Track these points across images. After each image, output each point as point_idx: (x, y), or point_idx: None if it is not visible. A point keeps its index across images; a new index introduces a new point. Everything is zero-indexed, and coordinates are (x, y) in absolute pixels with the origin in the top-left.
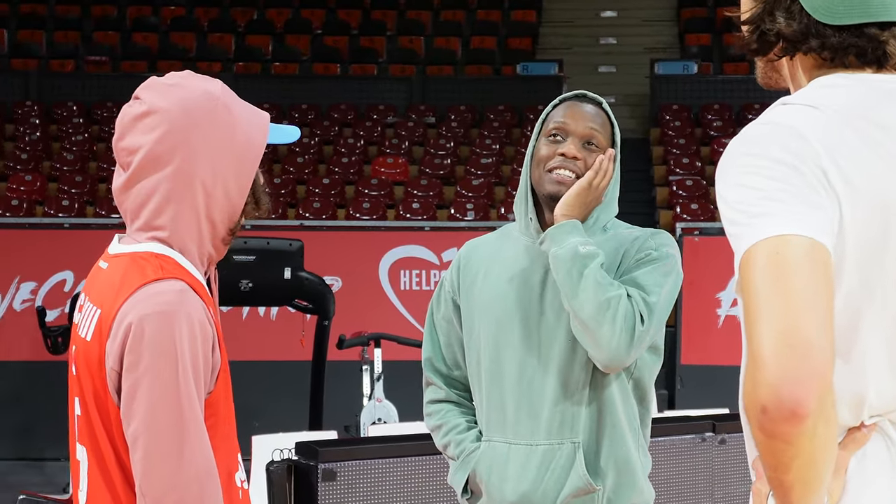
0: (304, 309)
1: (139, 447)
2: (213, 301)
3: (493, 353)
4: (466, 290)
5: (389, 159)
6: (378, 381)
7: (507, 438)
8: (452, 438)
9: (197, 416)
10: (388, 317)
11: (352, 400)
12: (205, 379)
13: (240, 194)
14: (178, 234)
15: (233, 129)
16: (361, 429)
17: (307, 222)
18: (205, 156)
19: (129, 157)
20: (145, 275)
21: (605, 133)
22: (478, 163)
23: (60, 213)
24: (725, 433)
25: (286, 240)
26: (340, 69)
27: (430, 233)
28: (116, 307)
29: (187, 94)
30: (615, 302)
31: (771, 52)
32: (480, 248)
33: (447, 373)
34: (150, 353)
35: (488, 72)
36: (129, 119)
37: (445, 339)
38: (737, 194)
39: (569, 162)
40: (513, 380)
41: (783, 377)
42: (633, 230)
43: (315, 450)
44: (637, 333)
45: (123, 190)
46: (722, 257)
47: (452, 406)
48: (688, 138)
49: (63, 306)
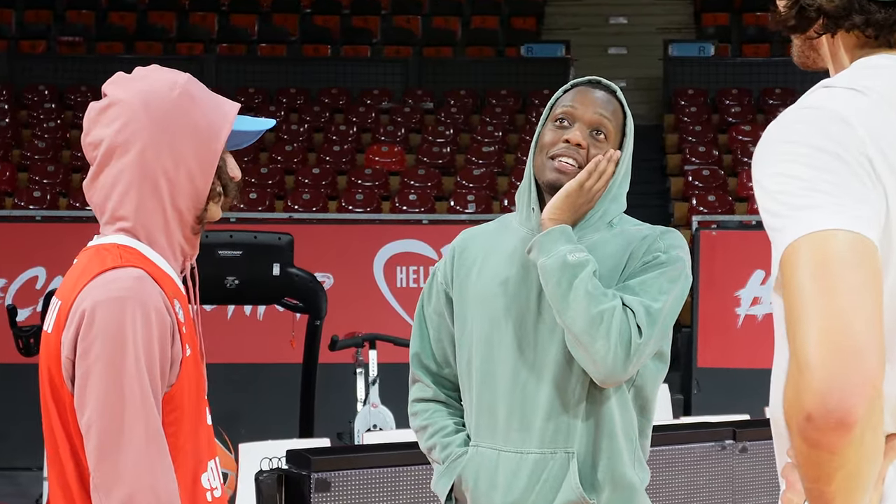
0: (293, 308)
1: (91, 437)
2: (183, 296)
3: (486, 352)
4: (460, 284)
5: (384, 147)
6: (373, 385)
7: (497, 445)
8: (438, 441)
9: (148, 406)
10: (384, 316)
11: (345, 405)
12: (162, 369)
13: (204, 179)
14: (143, 223)
15: (194, 115)
16: (355, 436)
17: (296, 215)
18: (165, 142)
19: (94, 151)
20: (104, 263)
21: (615, 122)
22: (479, 151)
23: (31, 206)
24: (747, 440)
25: (275, 233)
26: (331, 50)
27: (428, 226)
28: (74, 296)
29: (148, 84)
30: (608, 314)
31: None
32: (477, 238)
33: (436, 370)
34: (102, 339)
35: (490, 53)
36: (94, 114)
37: (435, 334)
38: (777, 184)
39: (572, 149)
40: (505, 383)
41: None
42: (641, 227)
43: (307, 458)
44: (633, 347)
45: (90, 184)
46: (741, 253)
47: (440, 406)
48: (704, 125)
49: (35, 305)
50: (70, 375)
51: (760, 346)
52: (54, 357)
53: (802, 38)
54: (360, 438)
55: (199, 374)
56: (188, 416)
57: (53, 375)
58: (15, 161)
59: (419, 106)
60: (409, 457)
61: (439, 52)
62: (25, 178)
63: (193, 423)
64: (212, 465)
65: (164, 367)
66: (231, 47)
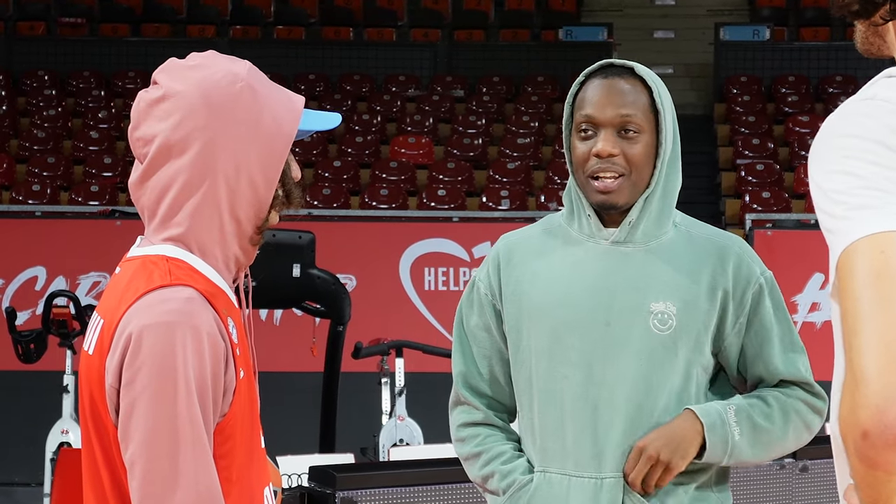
0: (314, 312)
1: (136, 474)
2: (238, 312)
3: (548, 368)
4: (511, 295)
5: (411, 139)
6: (400, 397)
7: (567, 470)
8: (497, 469)
9: (200, 441)
10: (411, 321)
11: (369, 418)
12: (214, 400)
13: (267, 187)
14: (197, 232)
15: (258, 114)
16: (380, 451)
17: (316, 212)
18: (226, 144)
19: (145, 147)
20: (151, 281)
21: (641, 108)
22: (514, 143)
23: (31, 200)
24: (808, 459)
25: (295, 232)
26: (354, 33)
27: (459, 224)
28: (118, 317)
29: (207, 75)
30: (795, 424)
31: (875, 14)
32: (523, 244)
33: (486, 391)
34: (149, 368)
35: (526, 37)
36: (145, 105)
37: (481, 351)
38: (833, 182)
39: (606, 163)
40: (573, 402)
41: (889, 397)
42: (707, 233)
43: (332, 475)
44: (822, 411)
45: (139, 185)
46: (799, 254)
47: (493, 430)
48: (758, 115)
49: (35, 308)
50: (115, 405)
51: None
52: (97, 383)
53: (867, 23)
54: (385, 454)
55: (253, 397)
56: (242, 444)
57: (97, 402)
58: (13, 152)
59: (449, 94)
60: (439, 474)
61: (471, 36)
62: (24, 171)
63: (248, 452)
64: (267, 492)
65: (217, 396)
66: (245, 30)
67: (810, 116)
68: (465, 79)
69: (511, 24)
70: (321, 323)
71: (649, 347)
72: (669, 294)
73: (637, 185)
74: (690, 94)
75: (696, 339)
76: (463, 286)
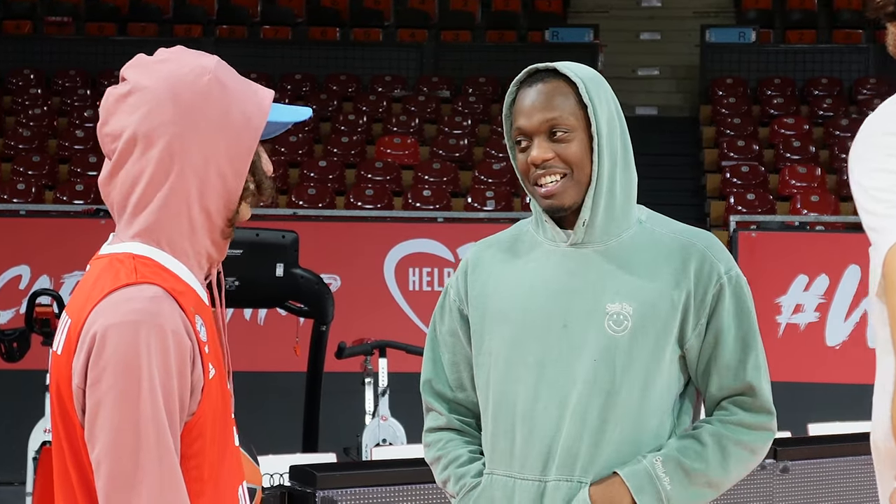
0: (298, 312)
1: (102, 474)
2: (209, 309)
3: (504, 371)
4: (475, 299)
5: (397, 139)
6: (383, 396)
7: (513, 472)
8: (452, 473)
9: (164, 441)
10: (395, 321)
11: (353, 418)
12: (181, 399)
13: (236, 178)
14: (166, 226)
15: (226, 107)
16: (363, 451)
17: (301, 211)
18: (194, 137)
19: (114, 143)
20: (117, 279)
21: (568, 108)
22: (499, 144)
23: (15, 199)
24: (788, 460)
25: (278, 231)
26: (340, 34)
27: (444, 225)
28: (84, 317)
29: (174, 69)
30: (734, 458)
31: None
32: (491, 249)
33: (450, 396)
34: (114, 368)
35: (512, 38)
36: (112, 101)
37: (450, 357)
38: (876, 180)
39: (543, 168)
40: (524, 405)
41: None
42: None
43: (313, 475)
44: (768, 432)
45: (108, 181)
46: (783, 256)
47: (454, 435)
48: (744, 117)
49: (18, 306)
50: (81, 405)
51: (803, 358)
52: (65, 382)
53: None
54: (368, 454)
55: (225, 395)
56: (213, 443)
57: (65, 402)
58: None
59: (435, 94)
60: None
61: (457, 37)
62: (9, 170)
63: (219, 451)
64: (240, 491)
65: (184, 396)
66: (231, 29)
67: (796, 119)
68: (451, 79)
69: (497, 25)
70: (305, 323)
71: (604, 349)
72: (626, 295)
73: (581, 183)
74: (676, 95)
75: (656, 341)
76: None
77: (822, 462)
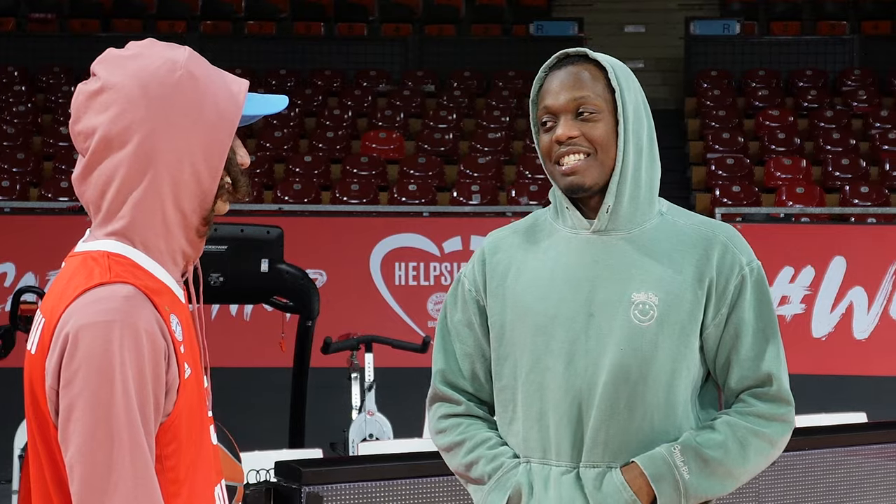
0: (283, 307)
1: (75, 477)
2: (185, 307)
3: (532, 361)
4: (495, 291)
5: (382, 134)
6: (369, 392)
7: (549, 460)
8: (483, 454)
9: (138, 442)
10: (381, 316)
11: (339, 413)
12: (156, 400)
13: (211, 176)
14: (140, 226)
15: (199, 100)
16: (350, 446)
17: (287, 206)
18: (167, 134)
19: (86, 141)
20: (90, 278)
21: (596, 90)
22: (484, 138)
23: (0, 196)
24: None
25: (263, 227)
26: (325, 28)
27: (429, 219)
28: (57, 316)
29: (145, 64)
30: (751, 446)
31: None
32: (508, 239)
33: (464, 386)
34: (86, 369)
35: (497, 32)
36: (84, 98)
37: (463, 348)
38: None
39: (567, 146)
40: (556, 394)
41: None
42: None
43: (298, 470)
44: (789, 421)
45: (82, 179)
46: (768, 248)
47: (475, 420)
48: (729, 109)
49: (3, 304)
50: (55, 406)
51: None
52: (39, 382)
53: None
54: (354, 449)
55: (201, 394)
56: (189, 443)
57: (39, 402)
58: None
59: (420, 88)
60: (408, 469)
61: (441, 31)
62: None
63: (195, 450)
64: (218, 491)
65: (159, 396)
66: (216, 24)
67: (780, 110)
68: (435, 74)
69: (482, 18)
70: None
71: (630, 339)
72: (651, 284)
73: (604, 165)
74: (661, 88)
75: (681, 332)
76: (433, 281)
77: (809, 454)
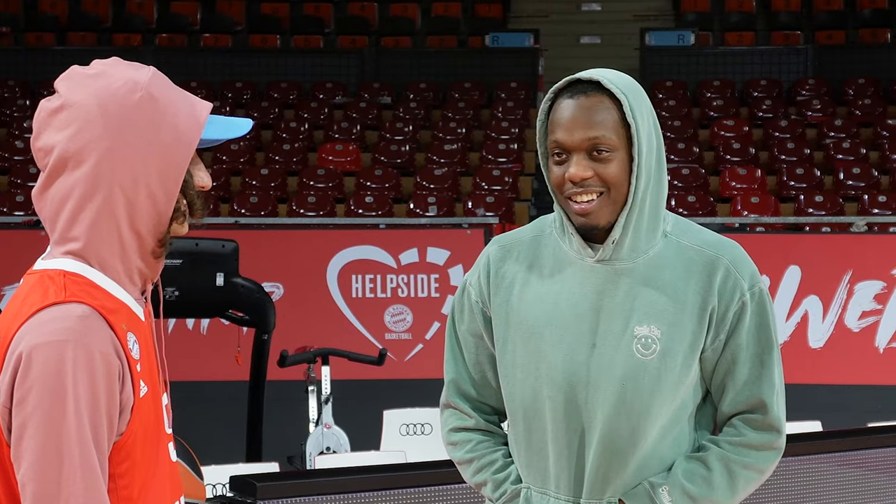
0: (239, 321)
1: (27, 495)
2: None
3: (534, 388)
4: (499, 306)
5: (338, 146)
6: (326, 405)
7: (548, 490)
8: (490, 479)
9: (89, 463)
10: (338, 329)
11: (296, 426)
12: (109, 419)
13: (167, 199)
14: (96, 246)
15: (158, 122)
16: (307, 460)
17: (243, 220)
18: (124, 155)
19: (45, 158)
20: (46, 297)
21: (611, 126)
22: (441, 150)
23: None
24: None
25: (218, 240)
26: (280, 41)
27: (386, 231)
28: (11, 334)
29: (106, 84)
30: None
31: None
32: (514, 250)
33: (475, 395)
34: (39, 389)
35: (452, 43)
36: (45, 115)
37: (473, 357)
38: None
39: (580, 186)
40: (556, 424)
41: None
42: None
43: (253, 485)
44: (777, 449)
45: (40, 195)
46: None
47: (482, 437)
48: (684, 119)
49: None
50: (7, 424)
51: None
52: None
53: None
54: (311, 462)
55: (158, 411)
56: (144, 462)
57: None
58: None
59: (376, 100)
60: (365, 482)
61: (397, 42)
62: None
63: (150, 468)
64: None
65: (112, 416)
66: (171, 37)
67: (735, 120)
68: (391, 86)
69: (437, 30)
70: (247, 331)
71: (633, 372)
72: (654, 317)
73: (617, 202)
74: None
75: (683, 362)
76: (390, 293)
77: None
